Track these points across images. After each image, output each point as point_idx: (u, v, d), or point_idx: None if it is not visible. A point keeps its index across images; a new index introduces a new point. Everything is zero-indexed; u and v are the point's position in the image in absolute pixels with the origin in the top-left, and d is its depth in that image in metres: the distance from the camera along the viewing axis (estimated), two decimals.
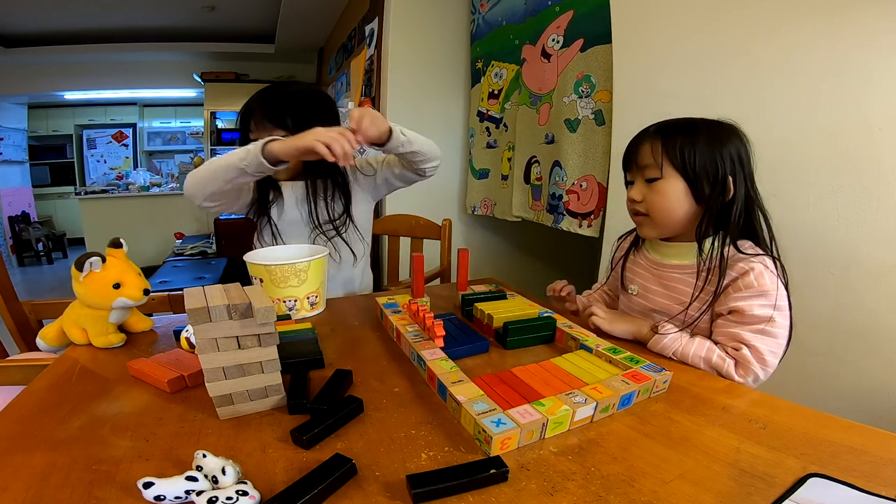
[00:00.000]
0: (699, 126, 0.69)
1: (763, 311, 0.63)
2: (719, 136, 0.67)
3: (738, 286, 0.65)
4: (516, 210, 1.82)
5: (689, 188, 0.68)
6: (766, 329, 0.63)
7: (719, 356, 0.64)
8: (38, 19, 3.58)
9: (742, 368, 0.63)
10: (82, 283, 0.70)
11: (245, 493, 0.38)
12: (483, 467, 0.42)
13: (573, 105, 1.45)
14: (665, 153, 0.68)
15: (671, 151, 0.67)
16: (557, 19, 1.51)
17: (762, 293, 0.63)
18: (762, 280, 0.64)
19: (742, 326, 0.64)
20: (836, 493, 0.40)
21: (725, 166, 0.66)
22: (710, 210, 0.68)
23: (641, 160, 0.71)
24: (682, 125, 0.70)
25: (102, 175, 5.14)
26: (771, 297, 0.63)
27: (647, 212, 0.72)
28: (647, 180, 0.71)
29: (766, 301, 0.63)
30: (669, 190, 0.68)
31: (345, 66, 3.03)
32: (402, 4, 2.05)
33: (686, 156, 0.67)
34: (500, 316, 0.77)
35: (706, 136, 0.67)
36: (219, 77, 4.51)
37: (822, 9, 0.81)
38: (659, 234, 0.74)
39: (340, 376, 0.60)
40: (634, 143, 0.73)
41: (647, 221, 0.73)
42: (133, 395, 0.58)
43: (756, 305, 0.63)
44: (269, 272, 0.84)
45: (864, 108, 0.78)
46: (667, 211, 0.69)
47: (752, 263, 0.65)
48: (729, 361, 0.64)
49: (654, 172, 0.69)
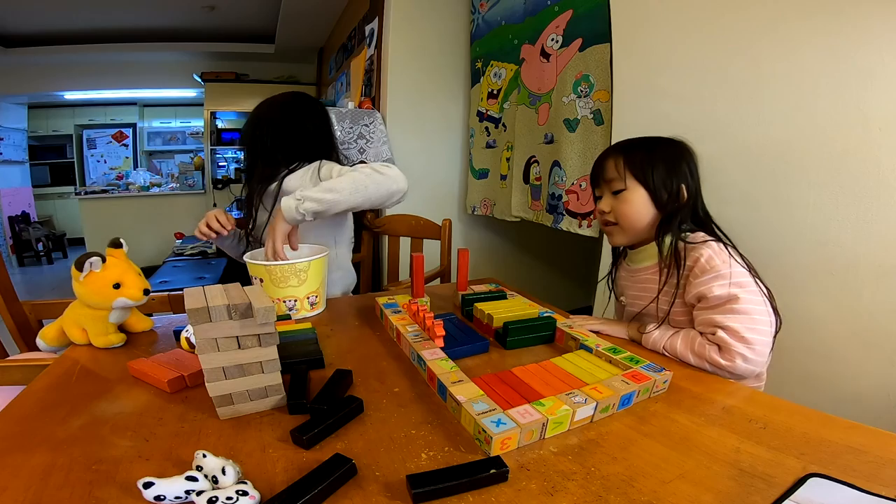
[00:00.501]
0: (655, 143, 0.79)
1: (722, 291, 0.66)
2: (672, 151, 0.77)
3: (695, 273, 0.70)
4: (515, 210, 1.82)
5: (651, 196, 0.75)
6: (734, 307, 0.65)
7: (700, 344, 0.66)
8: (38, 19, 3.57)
9: (725, 352, 0.64)
10: (82, 283, 0.70)
11: (245, 493, 0.38)
12: (483, 467, 0.42)
13: (572, 105, 1.45)
14: (627, 167, 0.76)
15: (632, 165, 0.76)
16: (556, 19, 1.51)
17: (716, 275, 0.67)
18: (713, 262, 0.68)
19: (711, 311, 0.67)
20: (836, 493, 0.40)
21: (679, 176, 0.75)
22: (666, 213, 0.75)
23: (607, 174, 0.79)
24: (641, 143, 0.79)
25: (102, 175, 5.14)
26: (725, 277, 0.66)
27: (615, 220, 0.79)
28: (614, 192, 0.78)
29: (723, 281, 0.66)
30: (634, 199, 0.76)
31: (345, 66, 3.03)
32: (402, 4, 2.05)
33: (645, 168, 0.75)
34: (500, 316, 0.77)
35: (661, 151, 0.77)
36: (219, 77, 4.50)
37: (822, 9, 0.81)
38: (628, 240, 0.81)
39: (340, 376, 0.60)
40: (599, 161, 0.82)
41: (616, 230, 0.80)
42: (133, 395, 0.58)
43: (715, 286, 0.66)
44: (269, 272, 0.84)
45: (864, 108, 0.78)
46: (633, 218, 0.77)
47: (700, 250, 0.70)
48: (710, 347, 0.65)
49: (619, 184, 0.77)
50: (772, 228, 0.92)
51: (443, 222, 1.50)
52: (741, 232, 0.96)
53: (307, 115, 1.14)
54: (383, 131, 2.05)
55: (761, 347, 0.63)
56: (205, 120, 4.55)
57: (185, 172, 4.78)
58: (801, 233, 0.87)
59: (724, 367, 0.63)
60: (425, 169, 2.20)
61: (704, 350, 0.65)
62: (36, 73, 4.45)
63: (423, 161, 2.20)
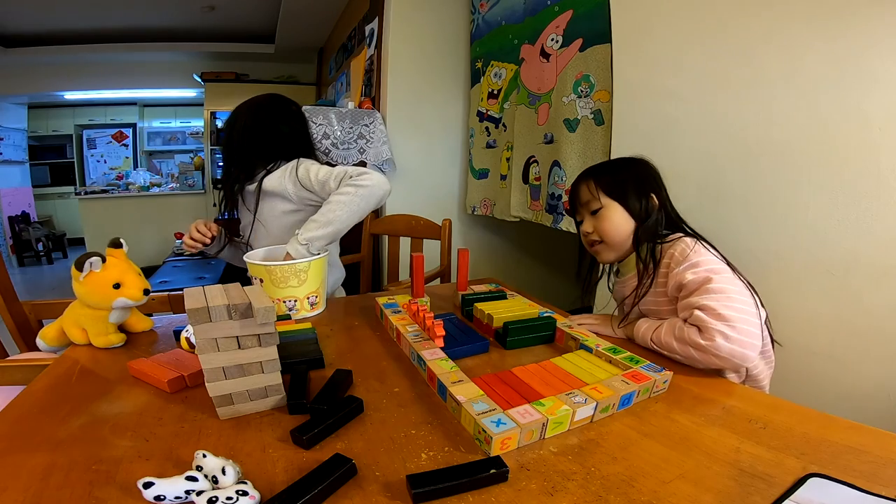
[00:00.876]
0: (619, 163, 0.88)
1: (695, 276, 0.68)
2: (636, 168, 0.83)
3: (671, 266, 0.73)
4: (514, 210, 1.82)
5: (626, 209, 0.80)
6: (708, 287, 0.65)
7: (680, 328, 0.66)
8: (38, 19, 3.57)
9: (704, 331, 0.62)
10: (82, 283, 0.70)
11: (245, 493, 0.38)
12: (483, 467, 0.42)
13: (572, 105, 1.45)
14: (599, 186, 0.82)
15: (603, 184, 0.81)
16: (556, 19, 1.51)
17: (689, 263, 0.70)
18: (685, 253, 0.72)
19: (689, 296, 0.68)
20: (836, 493, 0.40)
21: (647, 186, 0.81)
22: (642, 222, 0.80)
23: (582, 198, 0.84)
24: (606, 166, 0.87)
25: (102, 175, 5.14)
26: (698, 264, 0.69)
27: (600, 238, 0.82)
28: (592, 212, 0.83)
29: (697, 268, 0.69)
30: (611, 215, 0.80)
31: (345, 66, 3.03)
32: (402, 4, 2.05)
33: (616, 184, 0.81)
34: (500, 316, 0.77)
35: (626, 169, 0.83)
36: (219, 77, 4.50)
37: (822, 11, 0.81)
38: (616, 255, 0.84)
39: (340, 376, 0.60)
40: (573, 189, 0.87)
41: (603, 248, 0.83)
42: (133, 395, 0.58)
43: (689, 273, 0.69)
44: (269, 272, 0.84)
45: (864, 109, 0.78)
46: (613, 232, 0.80)
47: (674, 245, 0.74)
48: (690, 329, 0.65)
49: (596, 204, 0.81)
50: (772, 228, 0.92)
51: (443, 222, 1.50)
52: (741, 232, 0.97)
53: (281, 118, 1.14)
54: (383, 131, 2.05)
55: (743, 326, 0.61)
56: (205, 120, 4.55)
57: (185, 172, 4.78)
58: (801, 233, 0.87)
59: (705, 347, 0.61)
60: (425, 169, 2.20)
61: (684, 333, 0.65)
62: (36, 73, 4.45)
63: (423, 161, 2.20)
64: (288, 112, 1.16)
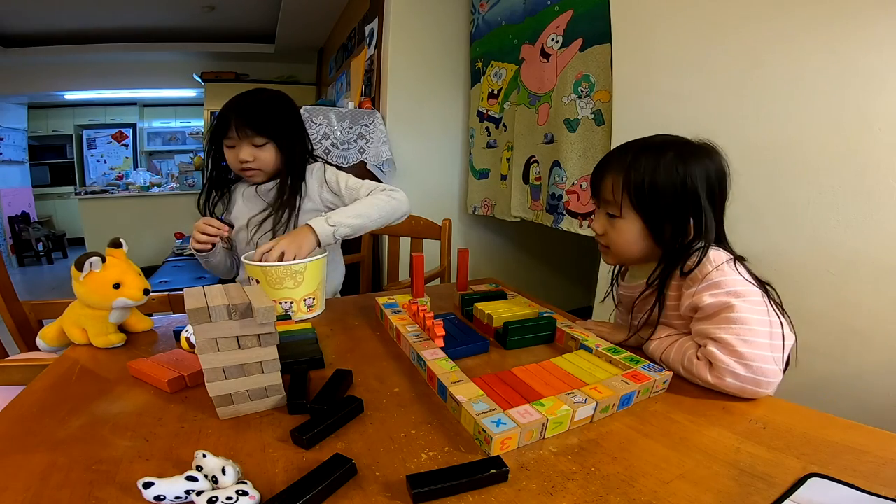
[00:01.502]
0: (664, 154, 0.64)
1: (714, 300, 0.58)
2: (686, 170, 0.63)
3: (688, 283, 0.62)
4: (515, 210, 1.82)
5: (648, 228, 0.66)
6: (729, 316, 0.56)
7: (689, 359, 0.60)
8: (38, 19, 3.58)
9: (714, 368, 0.56)
10: (82, 283, 0.70)
11: (245, 493, 0.38)
12: (483, 467, 0.42)
13: (573, 105, 1.45)
14: (626, 191, 0.65)
15: (631, 188, 0.65)
16: (557, 19, 1.51)
17: (708, 284, 0.60)
18: (704, 270, 0.60)
19: (705, 321, 0.60)
20: (836, 493, 0.40)
21: (689, 201, 0.63)
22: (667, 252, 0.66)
23: (603, 193, 0.70)
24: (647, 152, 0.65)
25: (102, 175, 5.14)
26: (720, 286, 0.59)
27: (607, 245, 0.72)
28: (609, 214, 0.70)
29: (716, 290, 0.59)
30: (626, 229, 0.68)
31: (345, 66, 3.03)
32: (402, 4, 2.05)
33: (646, 195, 0.64)
34: (500, 316, 0.77)
35: (671, 168, 0.63)
36: (219, 77, 4.51)
37: (823, 11, 0.81)
38: (619, 262, 0.76)
39: (340, 376, 0.60)
40: (599, 170, 0.71)
41: (607, 253, 0.74)
42: (133, 395, 0.58)
43: (707, 296, 0.59)
44: (264, 273, 0.83)
45: (865, 109, 0.78)
46: (623, 247, 0.70)
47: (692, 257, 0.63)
48: (699, 364, 0.58)
49: (614, 210, 0.68)
50: (772, 228, 0.92)
51: (443, 222, 1.50)
52: (741, 232, 0.97)
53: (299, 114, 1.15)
54: (383, 131, 2.05)
55: (760, 364, 0.54)
56: (205, 120, 4.56)
57: (185, 172, 4.78)
58: (801, 233, 0.87)
59: (714, 384, 0.56)
60: (425, 169, 2.21)
61: (693, 367, 0.59)
62: (36, 73, 4.45)
63: (423, 161, 2.20)
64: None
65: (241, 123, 1.00)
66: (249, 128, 1.00)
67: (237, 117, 1.01)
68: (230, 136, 1.03)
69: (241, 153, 1.03)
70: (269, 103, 1.05)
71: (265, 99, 1.05)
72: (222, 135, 1.04)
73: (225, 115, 1.02)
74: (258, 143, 1.02)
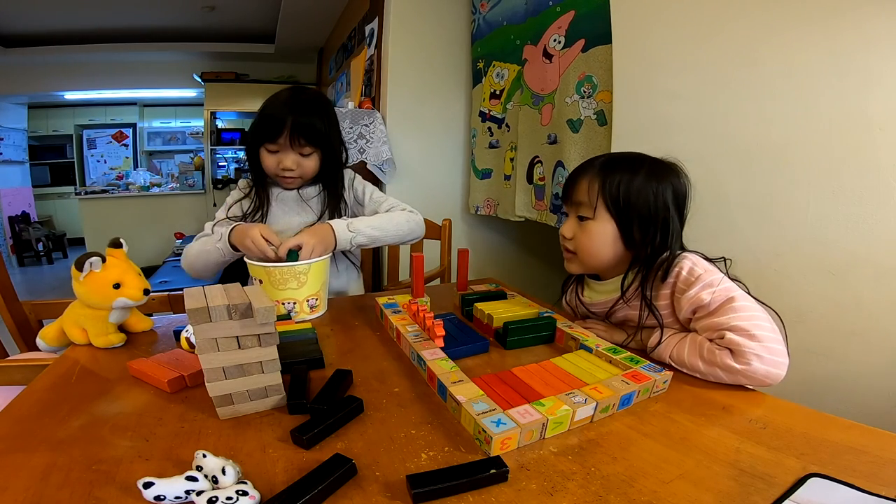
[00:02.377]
0: (639, 169, 0.68)
1: (714, 296, 0.61)
2: (659, 185, 0.67)
3: (680, 287, 0.65)
4: (519, 210, 1.82)
5: (620, 232, 0.68)
6: (734, 306, 0.60)
7: (710, 350, 0.61)
8: (38, 19, 3.58)
9: (737, 354, 0.58)
10: (82, 283, 0.70)
11: (245, 493, 0.38)
12: (483, 467, 0.42)
13: (575, 105, 1.45)
14: (601, 194, 0.67)
15: (608, 193, 0.67)
16: (559, 19, 1.51)
17: (704, 283, 0.62)
18: (695, 272, 0.63)
19: (711, 316, 0.62)
20: (836, 493, 0.40)
21: (659, 210, 0.67)
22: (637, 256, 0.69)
23: (577, 196, 0.71)
24: (623, 165, 0.69)
25: (102, 175, 5.14)
26: (713, 283, 0.62)
27: (574, 250, 0.72)
28: (579, 217, 0.71)
29: (712, 287, 0.62)
30: (599, 232, 0.69)
31: (345, 66, 3.03)
32: (402, 4, 2.05)
33: (624, 201, 0.66)
34: (500, 316, 0.77)
35: (646, 182, 0.67)
36: (219, 77, 4.51)
37: (822, 10, 0.81)
38: (584, 270, 0.76)
39: (340, 376, 0.60)
40: (574, 176, 0.72)
41: (573, 259, 0.74)
42: (133, 395, 0.58)
43: (705, 294, 0.62)
44: (268, 274, 0.83)
45: (865, 109, 0.78)
46: (592, 252, 0.70)
47: (680, 263, 0.65)
48: (721, 352, 0.59)
49: (587, 212, 0.69)
50: (771, 228, 0.92)
51: (443, 222, 1.50)
52: (741, 232, 0.97)
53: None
54: (383, 131, 2.05)
55: (773, 345, 0.57)
56: (205, 120, 4.56)
57: (185, 172, 4.79)
58: (801, 233, 0.87)
59: (740, 370, 0.57)
60: (425, 169, 2.20)
61: (715, 356, 0.59)
62: (36, 73, 4.46)
63: (424, 161, 2.20)
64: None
65: (296, 132, 0.95)
66: (304, 137, 0.96)
67: (294, 125, 0.95)
68: (278, 142, 0.97)
69: (286, 160, 0.97)
70: (321, 110, 1.00)
71: (320, 106, 1.00)
72: (268, 138, 0.97)
73: (278, 120, 0.95)
74: (306, 151, 0.99)
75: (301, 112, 0.96)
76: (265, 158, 1.00)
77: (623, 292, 0.70)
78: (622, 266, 0.72)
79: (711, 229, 0.81)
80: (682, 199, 0.70)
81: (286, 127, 0.95)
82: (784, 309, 0.88)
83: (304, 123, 0.96)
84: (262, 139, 0.99)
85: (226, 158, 4.91)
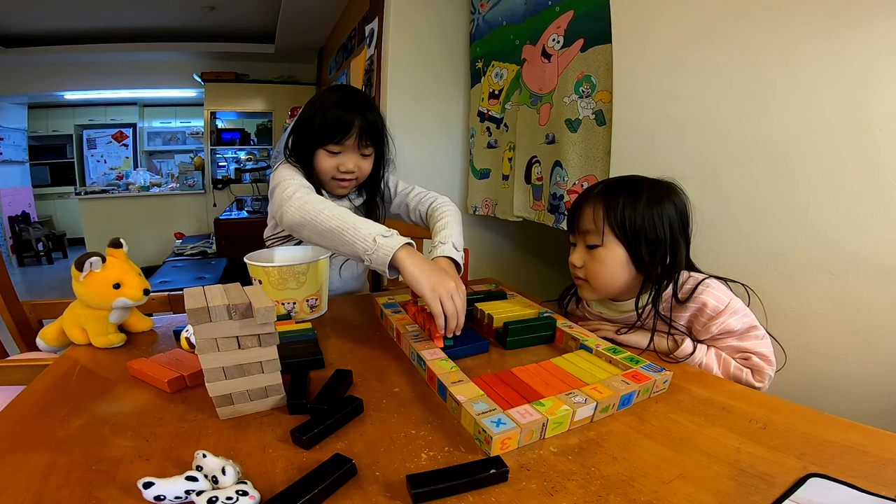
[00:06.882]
0: (641, 192, 0.70)
1: (742, 323, 0.68)
2: (664, 204, 0.69)
3: (707, 314, 0.69)
4: (517, 210, 1.82)
5: (631, 257, 0.69)
6: (757, 334, 0.68)
7: (737, 368, 0.68)
8: (38, 19, 3.57)
9: (757, 374, 0.67)
10: (82, 283, 0.70)
11: (245, 493, 0.38)
12: (483, 467, 0.42)
13: (574, 105, 1.44)
14: (608, 221, 0.69)
15: (614, 220, 0.68)
16: (558, 19, 1.51)
17: (731, 312, 0.68)
18: (722, 299, 0.68)
19: (735, 339, 0.69)
20: (836, 493, 0.40)
21: (666, 231, 0.69)
22: (649, 277, 0.71)
23: (583, 225, 0.72)
24: (625, 189, 0.71)
25: (102, 175, 5.14)
26: (738, 311, 0.68)
27: (586, 278, 0.73)
28: (588, 246, 0.72)
29: (737, 315, 0.68)
30: (609, 259, 0.70)
31: (345, 66, 3.03)
32: (402, 4, 2.05)
33: (630, 225, 0.68)
34: (500, 316, 0.77)
35: (649, 204, 0.69)
36: (219, 77, 4.51)
37: (822, 10, 0.81)
38: (599, 297, 0.77)
39: (340, 376, 0.60)
40: (577, 205, 0.74)
41: (586, 286, 0.75)
42: (133, 395, 0.58)
43: (732, 321, 0.68)
44: (267, 274, 0.83)
45: (865, 109, 0.78)
46: (605, 278, 0.71)
47: (704, 294, 0.68)
48: (746, 372, 0.68)
49: (595, 239, 0.70)
50: (771, 228, 0.92)
51: None
52: (741, 232, 0.97)
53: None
54: None
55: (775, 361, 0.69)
56: (205, 120, 4.56)
57: (185, 172, 4.79)
58: (801, 233, 0.87)
59: (758, 387, 0.67)
60: (425, 169, 2.20)
61: (741, 375, 0.68)
62: (36, 73, 4.45)
63: (423, 161, 2.20)
64: None
65: (365, 132, 0.91)
66: (371, 137, 0.92)
67: (365, 126, 0.91)
68: (344, 144, 0.92)
69: (349, 163, 0.93)
70: (377, 109, 0.97)
71: (374, 105, 0.96)
72: (333, 139, 0.92)
73: (345, 121, 0.91)
74: (367, 152, 0.95)
75: (367, 112, 0.93)
76: (323, 161, 0.95)
77: (639, 316, 0.72)
78: (635, 289, 0.74)
79: (712, 229, 0.81)
80: (685, 217, 0.72)
81: (354, 127, 0.91)
82: (784, 309, 0.89)
83: (371, 122, 0.93)
84: (324, 141, 0.94)
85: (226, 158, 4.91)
